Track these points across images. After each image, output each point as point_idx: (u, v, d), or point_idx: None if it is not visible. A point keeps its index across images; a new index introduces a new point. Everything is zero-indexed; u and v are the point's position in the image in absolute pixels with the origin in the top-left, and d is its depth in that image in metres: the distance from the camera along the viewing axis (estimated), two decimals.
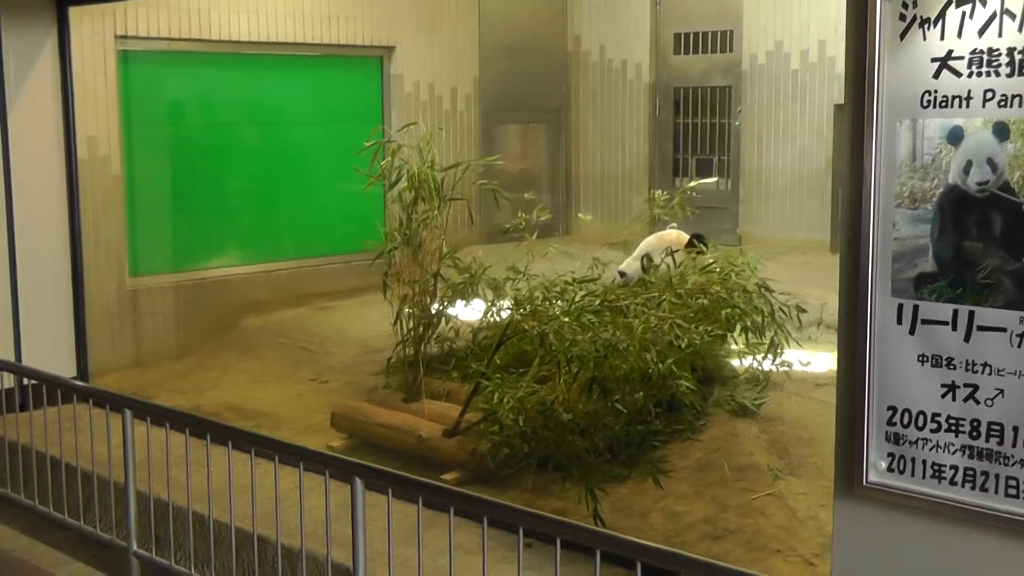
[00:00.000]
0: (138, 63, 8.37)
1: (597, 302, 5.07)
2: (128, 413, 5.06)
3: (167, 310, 8.52)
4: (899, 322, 2.77)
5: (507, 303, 6.18)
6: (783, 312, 5.76)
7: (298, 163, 9.45)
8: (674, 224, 7.59)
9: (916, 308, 2.73)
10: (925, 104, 2.67)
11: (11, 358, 7.12)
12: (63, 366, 7.37)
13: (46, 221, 7.42)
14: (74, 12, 7.40)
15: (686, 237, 7.39)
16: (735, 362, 6.12)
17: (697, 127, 10.89)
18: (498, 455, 5.36)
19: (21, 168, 7.28)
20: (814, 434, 5.48)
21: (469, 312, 6.59)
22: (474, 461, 5.54)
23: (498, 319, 6.22)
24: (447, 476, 5.60)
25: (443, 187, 6.55)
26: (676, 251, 6.96)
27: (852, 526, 2.93)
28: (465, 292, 6.34)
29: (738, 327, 5.56)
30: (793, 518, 4.80)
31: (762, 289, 5.74)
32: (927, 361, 2.73)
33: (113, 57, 8.05)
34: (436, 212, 6.53)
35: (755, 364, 6.01)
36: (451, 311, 6.53)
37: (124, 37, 8.14)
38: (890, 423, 2.82)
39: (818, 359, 6.37)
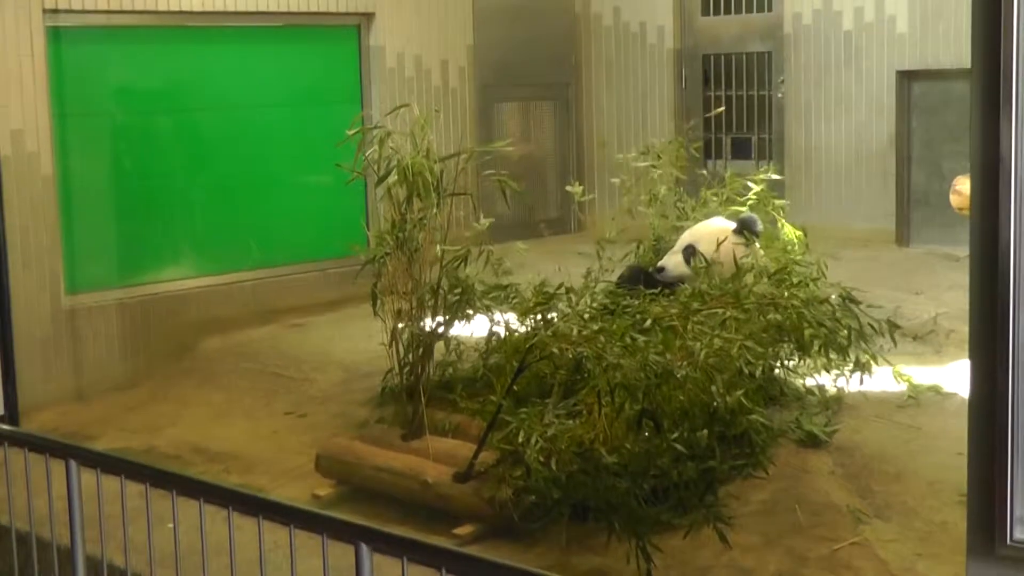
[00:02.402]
0: (71, 43, 8.23)
1: (648, 320, 4.88)
2: (73, 464, 4.88)
3: (112, 332, 8.39)
4: None
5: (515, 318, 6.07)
6: (872, 328, 5.60)
7: (264, 154, 9.33)
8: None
9: None
10: None
11: None
12: None
13: None
14: None
15: (732, 225, 7.23)
16: (799, 380, 5.98)
17: (731, 100, 10.74)
18: (522, 503, 5.19)
19: None
20: (901, 467, 5.35)
21: (469, 329, 6.45)
22: (492, 511, 5.37)
23: (505, 336, 6.10)
24: (460, 530, 5.44)
25: (442, 180, 6.41)
26: (723, 242, 6.79)
27: None
28: (461, 307, 6.21)
29: (816, 344, 5.39)
30: (884, 573, 4.66)
31: (846, 301, 5.58)
32: None
33: (41, 36, 7.91)
34: (435, 210, 6.38)
35: (824, 383, 5.86)
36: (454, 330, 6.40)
37: (54, 11, 8.00)
38: None
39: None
